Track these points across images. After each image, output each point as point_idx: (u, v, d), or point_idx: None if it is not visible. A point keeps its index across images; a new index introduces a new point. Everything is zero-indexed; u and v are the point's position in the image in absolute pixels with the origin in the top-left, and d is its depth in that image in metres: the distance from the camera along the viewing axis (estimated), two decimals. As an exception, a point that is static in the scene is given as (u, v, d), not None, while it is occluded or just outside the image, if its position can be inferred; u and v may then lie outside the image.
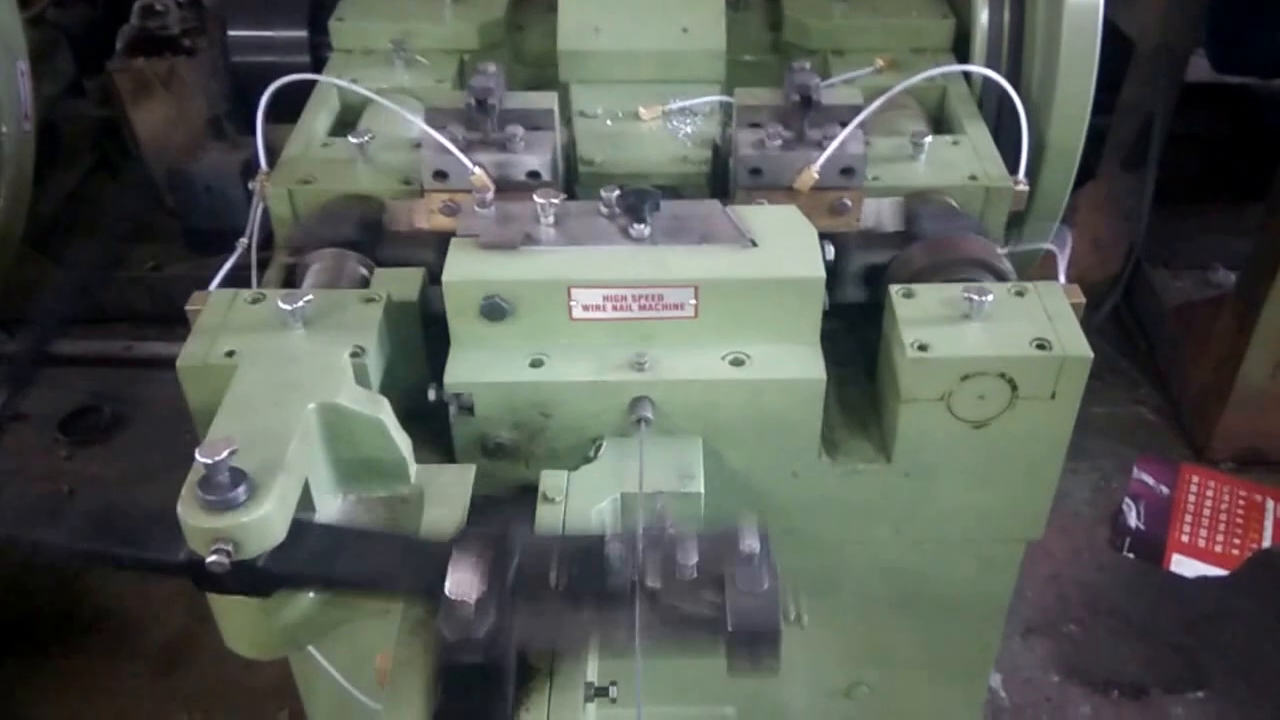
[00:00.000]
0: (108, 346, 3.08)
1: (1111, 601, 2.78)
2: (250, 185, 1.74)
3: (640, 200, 1.44)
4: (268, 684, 2.57)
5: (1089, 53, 1.73)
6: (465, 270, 1.42)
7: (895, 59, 2.02)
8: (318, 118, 1.90)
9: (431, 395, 1.42)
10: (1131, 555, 2.89)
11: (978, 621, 1.73)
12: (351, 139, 1.73)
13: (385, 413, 1.32)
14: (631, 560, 1.16)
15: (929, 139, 1.72)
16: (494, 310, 1.42)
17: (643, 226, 1.44)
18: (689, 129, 1.78)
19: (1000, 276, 1.54)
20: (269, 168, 1.75)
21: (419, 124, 1.59)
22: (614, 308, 1.42)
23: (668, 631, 1.17)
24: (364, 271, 1.60)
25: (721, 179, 1.70)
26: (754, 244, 1.44)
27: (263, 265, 1.69)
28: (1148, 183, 3.46)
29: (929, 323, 1.42)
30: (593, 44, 1.85)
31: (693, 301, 1.41)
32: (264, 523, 1.14)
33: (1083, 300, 1.46)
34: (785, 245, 1.44)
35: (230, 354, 1.39)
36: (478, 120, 1.61)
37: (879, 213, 1.65)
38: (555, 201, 1.45)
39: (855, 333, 1.63)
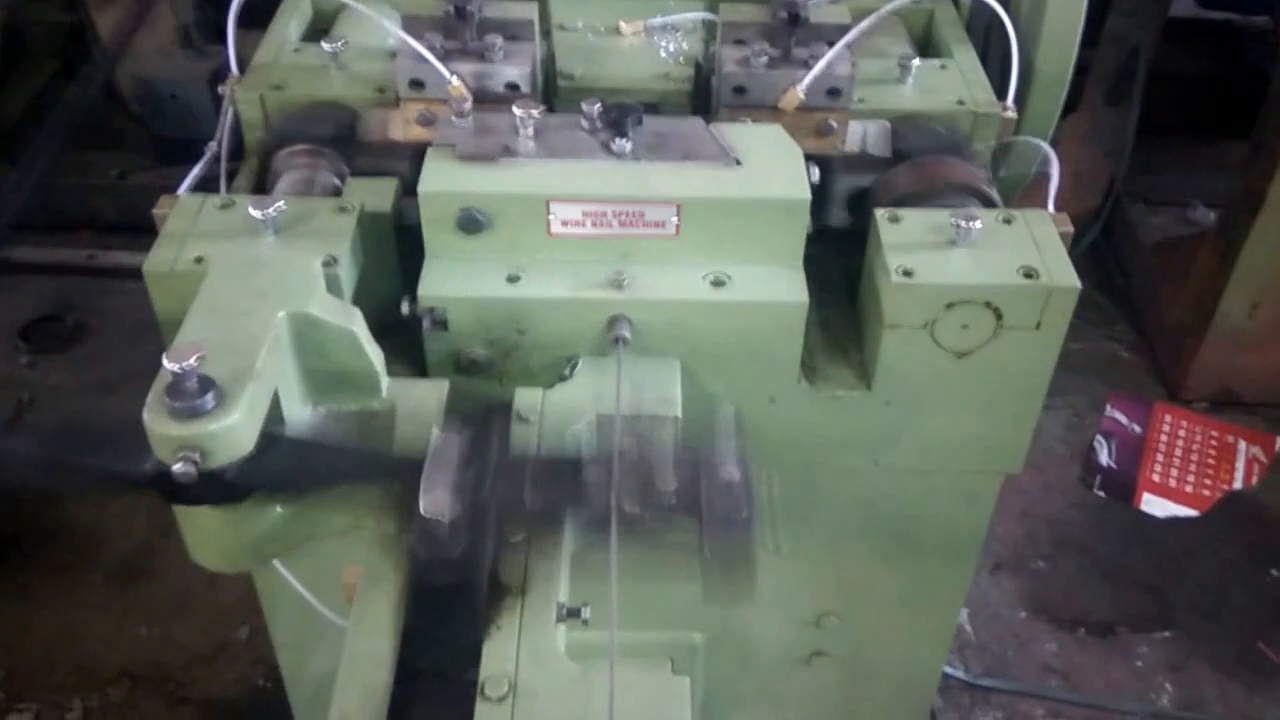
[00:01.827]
0: (72, 255, 3.01)
1: (1081, 539, 2.80)
2: (220, 90, 1.68)
3: (623, 114, 1.40)
4: (230, 600, 2.56)
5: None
6: (442, 181, 1.38)
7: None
8: (289, 24, 1.83)
9: (405, 309, 1.38)
10: (1102, 493, 2.91)
11: (952, 555, 1.73)
12: (325, 45, 1.67)
13: (357, 323, 1.29)
14: (609, 484, 1.14)
15: (916, 62, 1.68)
16: (470, 223, 1.38)
17: (624, 141, 1.40)
18: (671, 46, 1.73)
19: (988, 203, 1.51)
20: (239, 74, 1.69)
21: (396, 31, 1.53)
22: (593, 224, 1.38)
23: (644, 557, 1.16)
24: (336, 181, 1.55)
25: (704, 98, 1.65)
26: (738, 163, 1.40)
27: (232, 176, 1.64)
28: (1130, 117, 3.43)
29: (914, 248, 1.39)
30: None
31: (674, 219, 1.38)
32: (232, 431, 1.11)
33: (1071, 229, 1.44)
34: (770, 165, 1.41)
35: (199, 260, 1.35)
36: (456, 29, 1.55)
37: (865, 136, 1.62)
38: (535, 114, 1.41)
39: (839, 258, 1.60)
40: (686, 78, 1.69)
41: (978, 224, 1.38)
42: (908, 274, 1.36)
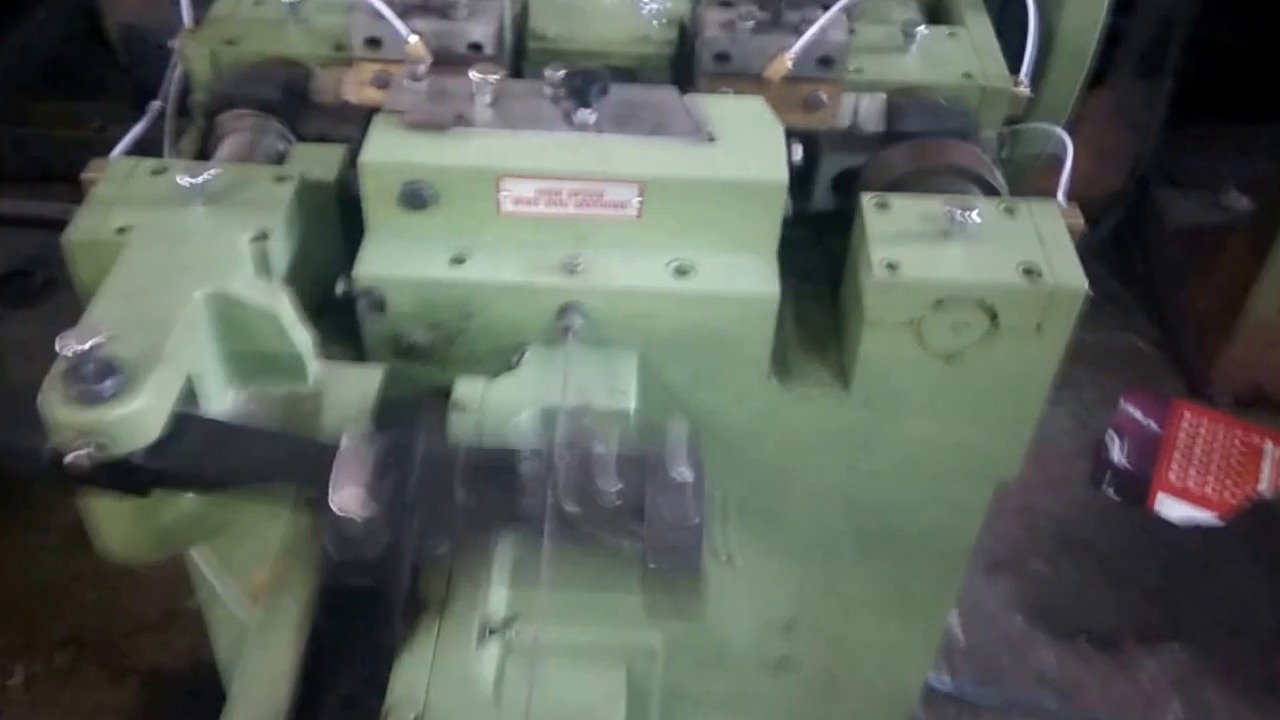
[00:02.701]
0: (45, 208, 2.92)
1: (1086, 540, 2.66)
2: (170, 43, 1.57)
3: (587, 82, 1.28)
4: (181, 570, 2.47)
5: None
6: (386, 150, 1.27)
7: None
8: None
9: (340, 288, 1.27)
10: (1112, 492, 2.77)
11: (938, 562, 1.61)
12: (297, -2, 1.55)
13: (283, 304, 1.19)
14: (548, 480, 1.04)
15: (922, 29, 1.54)
16: (414, 198, 1.26)
17: (588, 112, 1.28)
18: (655, 5, 1.60)
19: (990, 190, 1.39)
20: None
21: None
22: (548, 202, 1.27)
23: (581, 562, 1.06)
24: (281, 146, 1.44)
25: (687, 65, 1.52)
26: (711, 139, 1.28)
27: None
28: (1161, 92, 3.26)
29: (903, 239, 1.27)
30: None
31: (636, 200, 1.26)
32: (136, 418, 1.03)
33: (1082, 222, 1.31)
34: (746, 142, 1.28)
35: (122, 230, 1.25)
36: (416, -19, 1.43)
37: (858, 110, 1.48)
38: (493, 79, 1.29)
39: (823, 243, 1.48)
40: (669, 41, 1.56)
41: (975, 214, 1.25)
42: (892, 267, 1.24)
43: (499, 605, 1.13)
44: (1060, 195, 1.36)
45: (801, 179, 1.39)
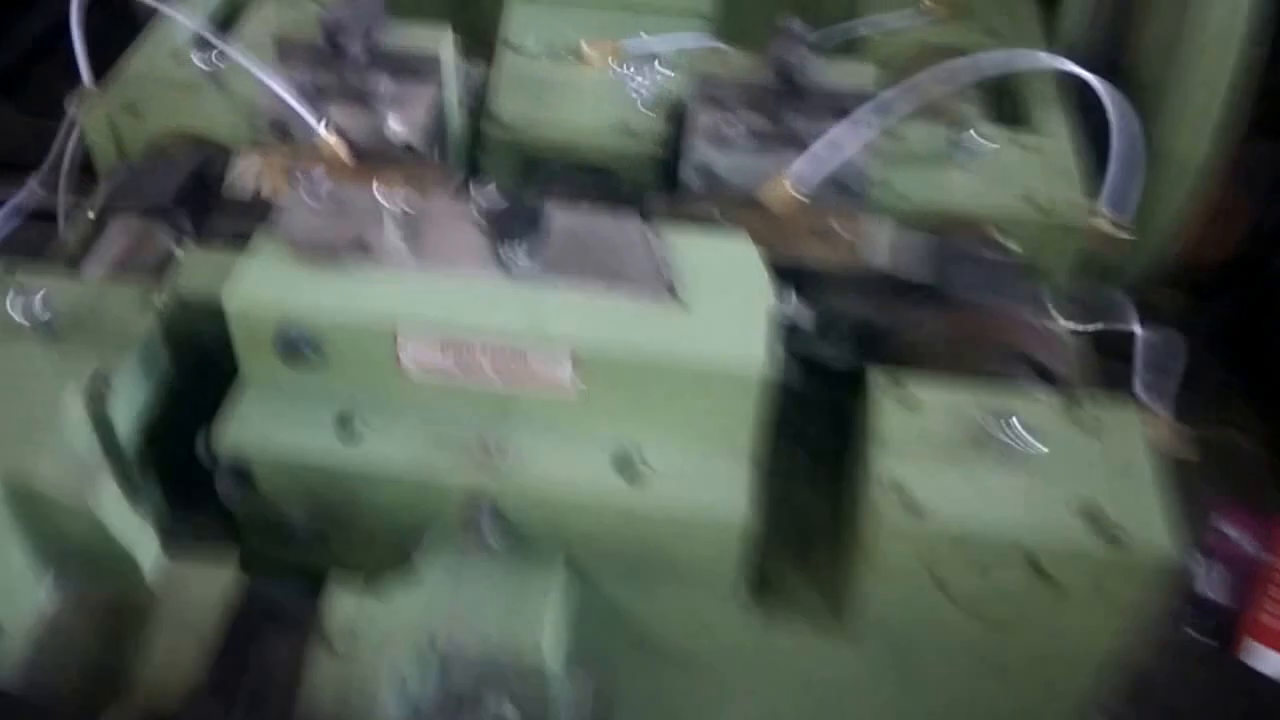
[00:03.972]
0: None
1: (1161, 691, 2.29)
2: (67, 105, 1.32)
3: (522, 217, 0.99)
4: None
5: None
6: (258, 290, 0.99)
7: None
8: (183, 13, 1.45)
9: (200, 448, 1.00)
10: (1195, 632, 2.39)
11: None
12: (196, 59, 1.28)
13: (103, 493, 0.92)
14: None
15: (976, 134, 1.22)
16: (293, 351, 0.99)
17: (521, 253, 0.99)
18: (645, 83, 1.29)
19: (1052, 379, 1.06)
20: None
21: (237, 57, 1.13)
22: (461, 367, 0.98)
23: None
24: (173, 247, 1.18)
25: (676, 164, 1.22)
26: (676, 297, 0.97)
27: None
28: (1286, 151, 2.85)
29: (921, 449, 0.95)
30: None
31: (570, 378, 0.97)
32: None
33: (1182, 450, 0.98)
34: (722, 305, 0.98)
35: None
36: (337, 63, 1.15)
37: (882, 242, 1.16)
38: (404, 207, 1.01)
39: (833, 401, 1.17)
40: (654, 135, 1.26)
41: (1028, 427, 0.93)
42: (902, 492, 0.92)
43: None
44: (1138, 386, 1.02)
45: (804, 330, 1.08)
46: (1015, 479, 0.93)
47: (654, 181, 1.24)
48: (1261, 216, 3.00)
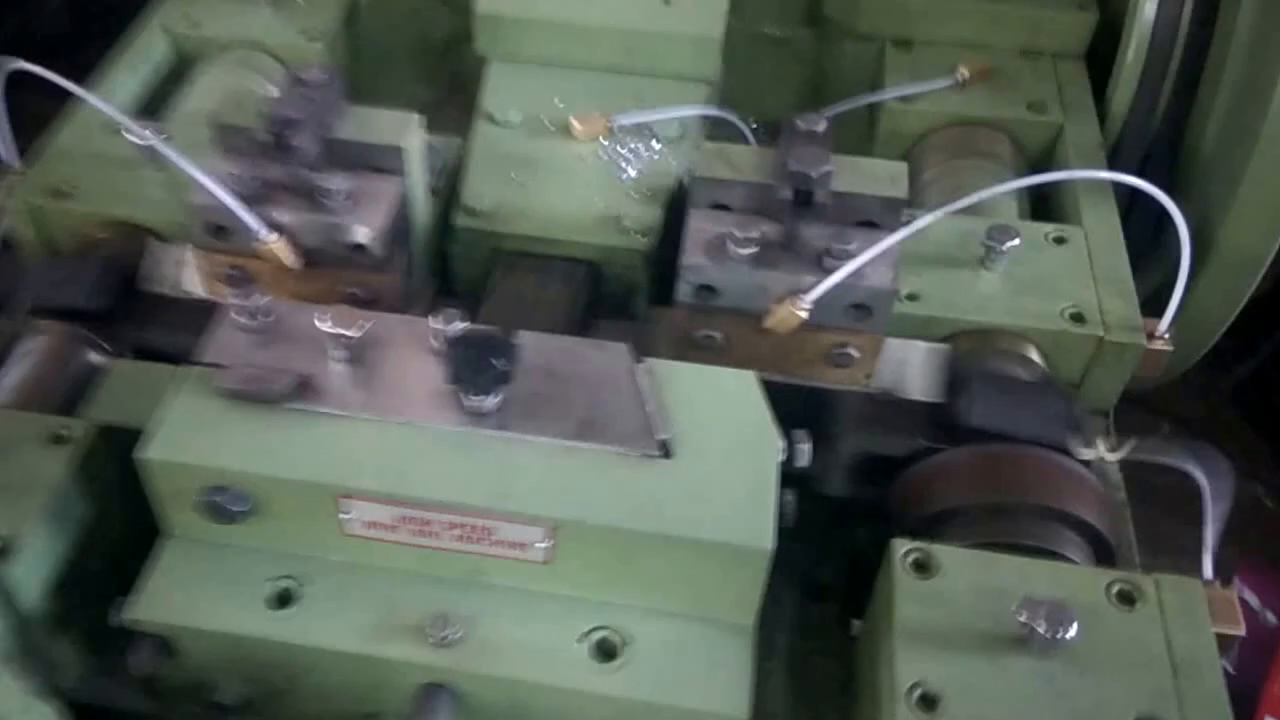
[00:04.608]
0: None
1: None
2: (-9, 189, 1.18)
3: (486, 353, 0.84)
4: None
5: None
6: (179, 441, 0.85)
7: (990, 66, 1.35)
8: (127, 80, 1.31)
9: (113, 618, 0.86)
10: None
11: None
12: (130, 134, 1.13)
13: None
14: None
15: (1014, 241, 1.07)
16: (220, 510, 0.85)
17: (482, 398, 0.85)
18: (636, 163, 1.15)
19: (1103, 546, 0.92)
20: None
21: (168, 154, 0.99)
22: (414, 531, 0.84)
23: None
24: (96, 360, 1.04)
25: (673, 262, 1.07)
26: (665, 452, 0.84)
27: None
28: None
29: (952, 639, 0.81)
30: (528, 6, 1.24)
31: (543, 543, 0.83)
32: None
33: (1241, 629, 0.85)
34: (720, 461, 0.84)
35: None
36: (284, 156, 1.00)
37: (906, 367, 1.02)
38: (350, 333, 0.87)
39: (843, 529, 1.04)
40: (646, 225, 1.11)
41: (1073, 625, 0.78)
42: (929, 703, 0.78)
43: None
44: (1207, 561, 0.89)
45: (817, 464, 0.93)
46: (1056, 688, 0.79)
47: (643, 278, 1.11)
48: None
